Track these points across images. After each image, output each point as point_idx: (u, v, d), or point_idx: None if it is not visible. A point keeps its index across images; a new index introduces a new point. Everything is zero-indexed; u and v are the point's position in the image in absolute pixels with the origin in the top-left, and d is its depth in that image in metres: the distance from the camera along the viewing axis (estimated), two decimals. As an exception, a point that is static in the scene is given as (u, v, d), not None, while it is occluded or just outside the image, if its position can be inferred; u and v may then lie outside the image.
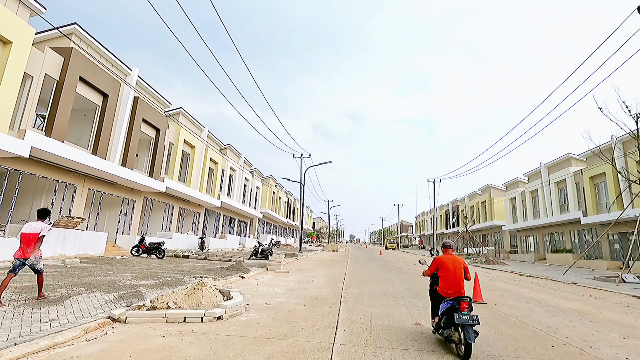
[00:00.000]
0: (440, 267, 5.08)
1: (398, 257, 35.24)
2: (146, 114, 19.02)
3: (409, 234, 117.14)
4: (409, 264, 24.10)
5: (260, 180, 44.18)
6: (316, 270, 15.94)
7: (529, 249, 37.88)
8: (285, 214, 60.01)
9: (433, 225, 44.71)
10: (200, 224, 29.15)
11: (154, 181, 19.90)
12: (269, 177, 49.19)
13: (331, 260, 24.40)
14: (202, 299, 6.24)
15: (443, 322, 4.73)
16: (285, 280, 11.54)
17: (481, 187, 48.76)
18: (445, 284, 4.93)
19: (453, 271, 4.92)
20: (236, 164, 33.50)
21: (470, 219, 45.07)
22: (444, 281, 4.96)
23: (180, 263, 14.70)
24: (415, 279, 13.82)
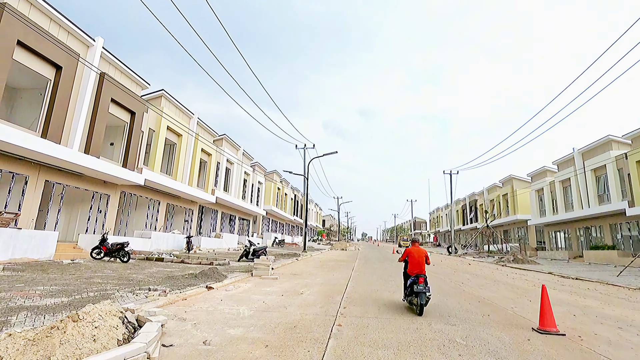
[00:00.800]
0: (409, 255, 7.28)
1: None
2: (116, 94, 16.33)
3: (422, 231, 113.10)
4: (426, 264, 21.00)
5: (262, 176, 41.43)
6: (314, 275, 12.97)
7: (558, 246, 34.12)
8: (292, 211, 57.21)
9: (450, 221, 41.20)
10: (193, 222, 26.51)
11: (130, 172, 17.23)
12: (272, 172, 46.41)
13: (337, 261, 21.40)
14: (59, 348, 3.34)
15: (408, 292, 7.03)
16: (266, 292, 8.61)
17: (502, 179, 44.97)
18: (411, 267, 7.09)
19: (417, 258, 7.09)
20: (234, 157, 30.75)
21: (490, 214, 41.40)
22: (411, 265, 7.13)
23: (145, 268, 11.94)
24: (445, 288, 10.71)
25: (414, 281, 6.70)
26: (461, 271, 17.12)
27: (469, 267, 20.03)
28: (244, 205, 33.79)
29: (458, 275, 14.98)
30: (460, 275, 15.03)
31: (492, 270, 18.87)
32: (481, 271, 17.71)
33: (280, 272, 13.33)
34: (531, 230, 39.48)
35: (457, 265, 21.34)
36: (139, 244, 17.31)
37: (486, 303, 8.10)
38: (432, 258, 30.45)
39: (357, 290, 9.37)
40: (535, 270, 19.17)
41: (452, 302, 8.12)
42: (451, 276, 14.34)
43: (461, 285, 11.22)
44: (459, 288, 10.61)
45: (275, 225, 51.58)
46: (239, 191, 32.67)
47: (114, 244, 13.00)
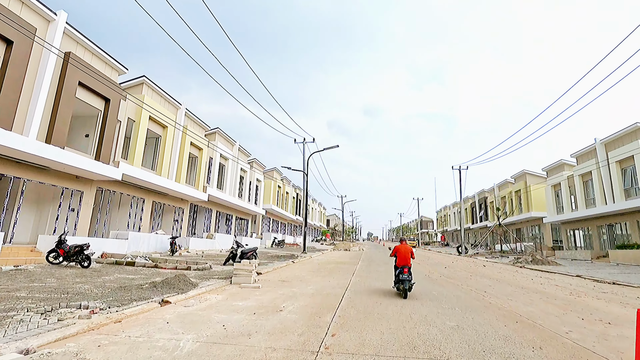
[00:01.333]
0: (397, 251, 9.05)
1: (421, 257, 29.85)
2: (86, 78, 14.48)
3: (429, 230, 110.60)
4: (436, 265, 18.86)
5: (261, 173, 39.53)
6: (306, 281, 10.98)
7: (577, 245, 31.76)
8: (294, 210, 55.29)
9: (460, 219, 39.00)
10: (184, 222, 24.66)
11: (104, 166, 15.39)
12: (272, 169, 44.51)
13: (337, 263, 19.39)
14: None
15: (396, 280, 8.71)
16: (236, 309, 6.65)
17: (514, 175, 42.58)
18: (399, 260, 8.80)
19: (404, 254, 8.81)
20: (228, 152, 28.88)
21: (502, 211, 39.06)
22: (399, 259, 8.85)
23: (103, 275, 10.05)
24: (466, 299, 8.67)
25: (400, 271, 8.49)
26: (478, 275, 15.01)
27: (485, 270, 17.90)
28: (241, 204, 31.92)
29: (476, 280, 12.88)
30: (479, 280, 12.93)
31: (511, 273, 16.73)
32: (500, 274, 15.58)
33: (267, 279, 11.36)
34: (546, 228, 37.11)
35: (471, 267, 19.22)
36: (113, 246, 15.46)
37: (527, 324, 6.03)
38: (441, 258, 28.34)
39: (355, 304, 7.35)
40: (559, 273, 16.99)
41: (480, 322, 6.06)
42: (468, 281, 12.25)
43: (484, 295, 9.14)
44: (483, 299, 8.54)
45: (276, 225, 49.70)
46: (235, 189, 30.80)
47: (72, 247, 11.13)
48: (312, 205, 72.54)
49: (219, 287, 9.07)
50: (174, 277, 8.84)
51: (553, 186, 33.52)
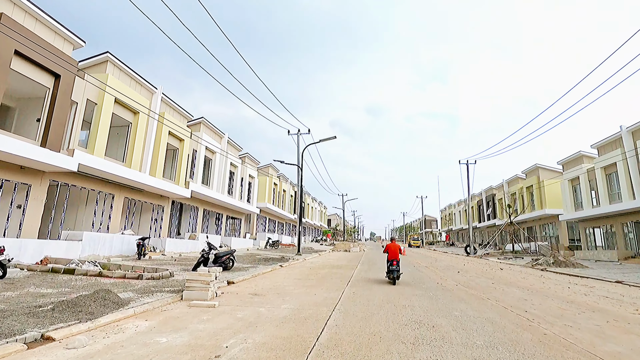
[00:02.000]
0: (389, 249, 11.45)
1: (427, 258, 27.27)
2: (24, 48, 12.01)
3: (433, 229, 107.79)
4: (447, 269, 16.26)
5: (255, 169, 37.02)
6: (285, 295, 8.45)
7: (597, 244, 29.06)
8: (292, 209, 52.77)
9: (468, 217, 36.39)
10: (164, 221, 22.20)
11: (53, 154, 12.93)
12: (267, 165, 42.01)
13: (333, 267, 16.84)
14: None
15: (387, 271, 11.08)
16: (146, 354, 4.12)
17: (526, 169, 39.84)
18: (390, 256, 11.22)
19: (393, 250, 11.26)
20: (215, 145, 26.38)
21: (513, 209, 36.35)
22: (389, 254, 11.27)
23: (8, 289, 7.55)
24: (507, 327, 6.09)
25: (390, 264, 11.11)
26: (501, 281, 12.41)
27: (505, 275, 15.28)
28: (232, 202, 29.43)
29: (502, 290, 10.29)
30: (506, 290, 10.34)
31: (537, 278, 14.12)
32: (526, 281, 12.98)
33: (236, 291, 8.85)
34: (562, 226, 34.40)
35: (488, 271, 16.62)
36: (60, 250, 12.98)
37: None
38: (449, 260, 25.73)
39: (341, 339, 4.78)
40: (592, 278, 14.36)
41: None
42: (494, 292, 9.67)
43: (527, 317, 6.55)
44: (530, 327, 5.95)
45: (273, 225, 47.21)
46: (224, 186, 28.30)
47: (-19, 251, 8.65)
48: (312, 205, 70.06)
49: (157, 307, 6.56)
50: (92, 294, 6.33)
51: (570, 180, 30.82)
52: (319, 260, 20.88)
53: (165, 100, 20.69)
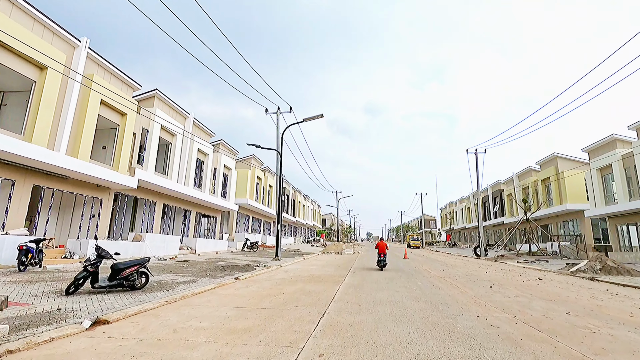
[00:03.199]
0: (379, 245, 15.82)
1: (437, 262, 22.62)
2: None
3: (432, 229, 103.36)
4: (470, 282, 11.52)
5: (233, 160, 32.20)
6: None
7: (632, 244, 24.55)
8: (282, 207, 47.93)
9: (477, 214, 31.92)
10: (102, 218, 17.34)
11: None
12: (249, 157, 37.19)
13: (311, 279, 12.05)
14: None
15: (377, 261, 15.69)
16: None
17: (541, 160, 35.30)
18: (379, 250, 15.74)
19: (381, 246, 15.69)
20: (177, 126, 21.55)
21: (528, 204, 31.79)
22: (379, 249, 15.77)
23: None
24: None
25: (379, 256, 15.60)
26: (577, 309, 7.65)
27: (552, 289, 10.59)
28: (201, 197, 24.63)
29: (599, 332, 5.55)
30: (603, 330, 5.60)
31: (593, 294, 9.46)
32: (597, 302, 8.28)
33: (108, 335, 4.04)
34: (586, 223, 29.89)
35: (525, 283, 11.92)
36: None
37: None
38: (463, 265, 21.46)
39: None
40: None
41: None
42: (593, 341, 4.92)
43: None
44: None
45: (258, 225, 42.38)
46: (188, 176, 23.48)
47: None
48: (304, 203, 65.32)
49: None
50: None
51: (600, 169, 26.30)
52: (297, 268, 16.11)
53: (95, 59, 15.82)
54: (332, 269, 16.19)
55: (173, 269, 12.99)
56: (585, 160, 31.46)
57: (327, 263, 19.71)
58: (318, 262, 20.10)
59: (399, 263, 20.19)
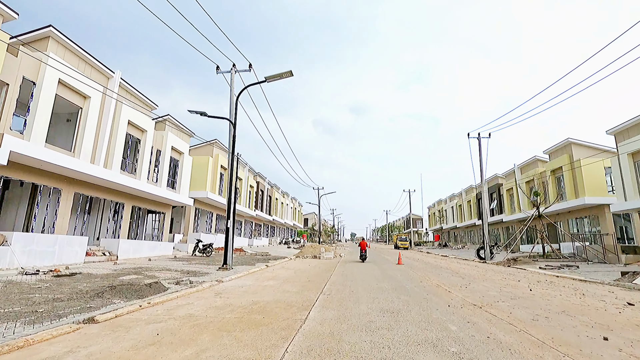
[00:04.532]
0: (361, 244, 21.58)
1: (438, 269, 17.40)
2: None
3: (418, 228, 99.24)
4: (523, 310, 6.27)
5: (185, 143, 26.20)
6: None
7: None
8: (254, 203, 42.10)
9: (481, 210, 27.15)
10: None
11: None
12: (211, 142, 31.22)
13: (248, 313, 6.36)
14: None
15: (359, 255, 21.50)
16: None
17: (551, 148, 30.73)
18: (361, 248, 21.36)
19: (363, 245, 21.39)
20: (92, 84, 15.47)
21: (542, 197, 27.10)
22: (361, 247, 21.38)
23: None
24: None
25: (361, 251, 21.16)
26: None
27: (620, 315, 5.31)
28: (134, 185, 18.66)
29: None
30: None
31: None
32: None
33: None
34: (608, 220, 25.39)
35: (600, 311, 6.68)
36: None
37: None
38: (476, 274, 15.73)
39: None
40: None
41: None
42: None
43: None
44: None
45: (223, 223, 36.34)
46: (111, 155, 17.44)
47: None
48: (283, 200, 59.55)
49: None
50: None
51: (631, 154, 21.71)
52: (242, 287, 10.43)
53: None
54: (298, 286, 10.63)
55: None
56: (605, 147, 27.03)
57: (294, 274, 14.11)
58: (283, 273, 14.47)
59: (396, 274, 14.80)
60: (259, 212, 43.47)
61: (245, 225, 43.08)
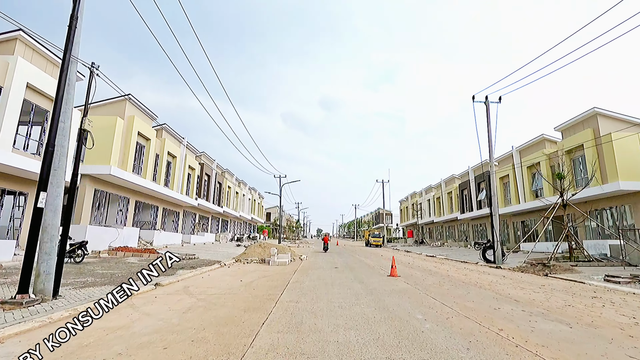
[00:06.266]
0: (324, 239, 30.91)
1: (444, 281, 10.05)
2: None
3: (388, 224, 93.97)
4: None
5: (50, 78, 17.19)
6: None
7: None
8: (198, 191, 33.36)
9: (490, 198, 20.72)
10: None
11: None
12: (120, 98, 22.22)
13: None
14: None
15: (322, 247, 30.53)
16: None
17: (566, 123, 24.77)
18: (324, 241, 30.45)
19: (325, 239, 30.49)
20: None
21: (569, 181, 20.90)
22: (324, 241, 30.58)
23: None
24: None
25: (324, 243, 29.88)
26: None
27: None
28: None
29: None
30: None
31: None
32: None
33: None
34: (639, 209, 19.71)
35: None
36: None
37: None
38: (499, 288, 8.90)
39: None
40: None
41: None
42: None
43: None
44: None
45: (152, 214, 27.43)
46: None
47: None
48: (238, 189, 50.92)
49: None
50: None
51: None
52: None
53: None
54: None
55: None
56: (638, 119, 21.38)
57: (180, 321, 6.22)
58: (150, 321, 6.50)
59: (404, 305, 7.34)
60: (203, 201, 34.79)
61: (185, 217, 34.27)
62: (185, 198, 30.06)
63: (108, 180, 20.45)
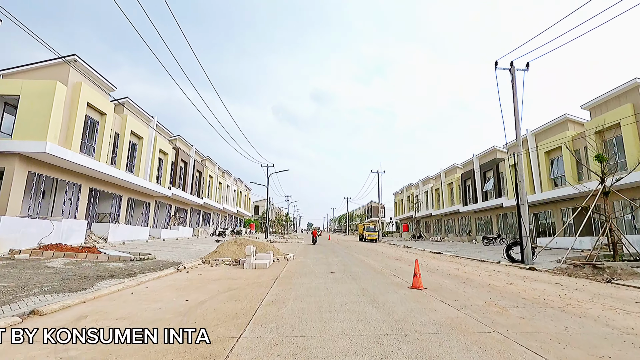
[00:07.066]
0: (313, 233, 35.03)
1: (541, 313, 6.33)
2: None
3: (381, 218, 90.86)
4: None
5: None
6: None
7: None
8: (173, 179, 29.27)
9: (515, 184, 17.27)
10: None
11: None
12: (69, 57, 17.98)
13: None
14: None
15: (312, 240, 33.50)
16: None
17: (598, 99, 21.42)
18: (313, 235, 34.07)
19: (314, 233, 34.53)
20: None
21: (607, 168, 17.52)
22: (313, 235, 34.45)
23: None
24: None
25: (313, 237, 33.37)
26: None
27: None
28: None
29: None
30: None
31: None
32: None
33: None
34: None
35: None
36: None
37: None
38: (573, 310, 5.78)
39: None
40: None
41: None
42: None
43: None
44: None
45: (114, 204, 23.28)
46: None
47: None
48: (221, 180, 46.83)
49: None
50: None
51: None
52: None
53: None
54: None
55: None
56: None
57: None
58: None
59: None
60: (178, 191, 30.73)
61: (158, 208, 30.19)
62: (156, 187, 25.99)
63: (46, 160, 16.33)
